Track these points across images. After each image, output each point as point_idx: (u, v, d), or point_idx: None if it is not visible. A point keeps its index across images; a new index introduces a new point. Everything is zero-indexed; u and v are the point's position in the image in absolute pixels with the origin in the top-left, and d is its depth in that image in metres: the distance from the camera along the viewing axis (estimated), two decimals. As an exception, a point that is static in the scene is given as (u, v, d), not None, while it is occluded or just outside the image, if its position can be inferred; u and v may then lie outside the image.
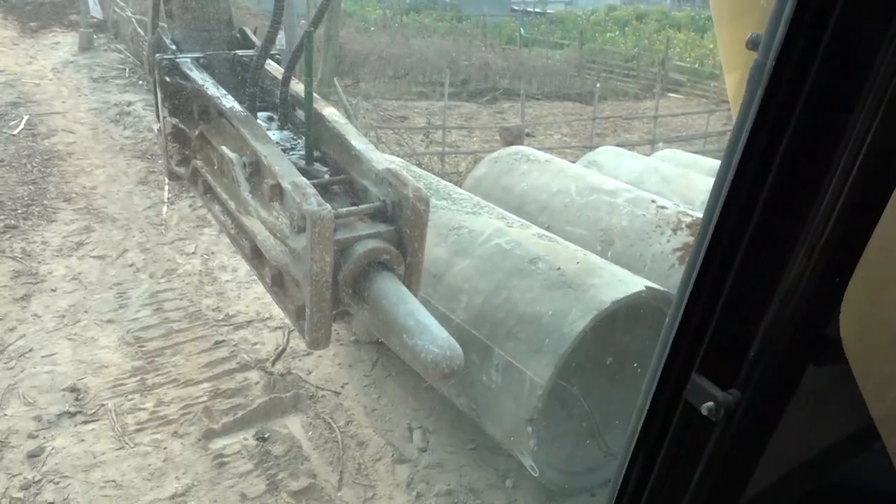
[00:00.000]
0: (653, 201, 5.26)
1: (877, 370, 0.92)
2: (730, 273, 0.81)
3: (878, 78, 0.68)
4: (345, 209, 2.67)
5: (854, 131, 0.73)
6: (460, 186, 6.16)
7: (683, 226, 4.92)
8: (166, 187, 8.62)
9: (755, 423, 0.89)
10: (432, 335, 2.38)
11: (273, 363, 5.56)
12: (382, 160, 2.86)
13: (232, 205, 3.16)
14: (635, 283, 3.96)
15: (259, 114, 3.30)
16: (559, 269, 4.09)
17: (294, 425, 4.89)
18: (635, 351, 4.26)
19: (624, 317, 4.13)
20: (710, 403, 0.83)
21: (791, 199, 0.78)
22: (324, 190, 2.74)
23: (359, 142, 2.94)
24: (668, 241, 4.87)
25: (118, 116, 11.39)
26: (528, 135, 13.13)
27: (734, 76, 0.97)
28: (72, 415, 4.81)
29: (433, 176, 6.16)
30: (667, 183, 6.29)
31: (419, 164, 10.20)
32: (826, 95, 0.71)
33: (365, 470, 4.55)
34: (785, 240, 0.79)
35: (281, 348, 5.73)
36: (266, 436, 4.73)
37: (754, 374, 0.85)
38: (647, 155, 8.51)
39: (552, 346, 3.71)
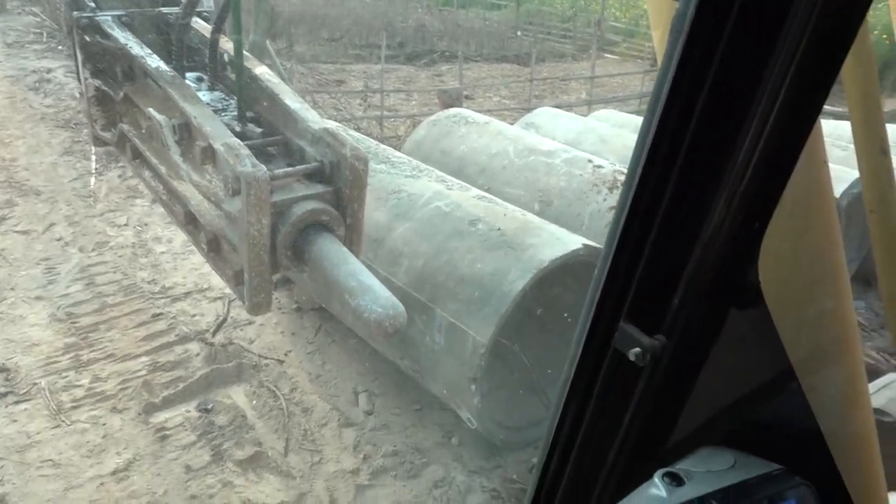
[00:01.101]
0: (589, 161, 5.34)
1: (793, 314, 0.97)
2: (654, 224, 0.83)
3: (795, 23, 0.70)
4: (281, 170, 2.61)
5: (771, 79, 0.75)
6: (399, 150, 6.11)
7: (619, 184, 5.02)
8: (93, 157, 8.25)
9: (681, 366, 0.93)
10: (375, 295, 2.38)
11: (213, 334, 5.47)
12: (318, 120, 2.80)
13: (163, 169, 3.06)
14: (573, 242, 4.03)
15: (188, 74, 3.18)
16: (499, 229, 4.12)
17: (237, 395, 4.84)
18: (574, 308, 4.36)
19: (562, 275, 4.21)
20: (637, 349, 0.86)
21: (711, 149, 0.80)
22: (258, 151, 2.68)
23: (293, 101, 2.87)
24: (605, 199, 4.96)
25: (37, 84, 10.79)
26: (466, 97, 13.07)
27: (659, 32, 0.99)
28: (2, 395, 4.63)
29: (372, 140, 6.08)
30: (603, 143, 6.38)
31: (357, 129, 10.04)
32: (745, 42, 0.73)
33: (311, 435, 4.55)
34: (705, 189, 0.81)
35: (221, 319, 5.64)
36: (209, 407, 4.67)
37: (679, 321, 0.88)
38: (585, 115, 8.60)
39: (493, 305, 3.76)
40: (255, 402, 4.79)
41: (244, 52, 2.91)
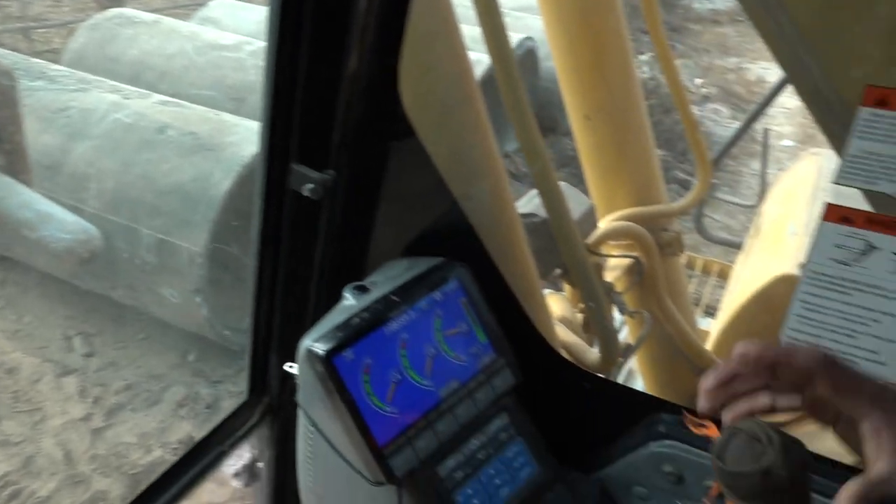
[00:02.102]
0: (275, 52, 5.22)
1: (439, 138, 1.13)
2: (299, 69, 0.91)
3: None
4: None
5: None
6: (59, 64, 5.34)
7: (309, 73, 5.02)
8: None
9: (357, 196, 1.05)
10: (59, 222, 2.20)
11: None
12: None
13: None
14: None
15: None
16: (192, 133, 3.92)
17: (-87, 381, 4.12)
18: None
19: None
20: (311, 185, 0.95)
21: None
22: None
23: None
24: (298, 90, 4.94)
25: None
26: (130, -2, 11.63)
27: None
28: None
29: (19, 55, 5.21)
30: (287, 34, 6.23)
31: (-1, 46, 8.46)
32: None
33: (25, 395, 4.09)
34: (339, 30, 0.90)
35: None
36: None
37: (343, 156, 0.99)
38: (265, 5, 8.25)
39: (202, 212, 3.64)
40: (-60, 379, 4.13)
41: None
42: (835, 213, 0.85)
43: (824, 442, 0.71)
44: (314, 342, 0.89)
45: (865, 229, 0.85)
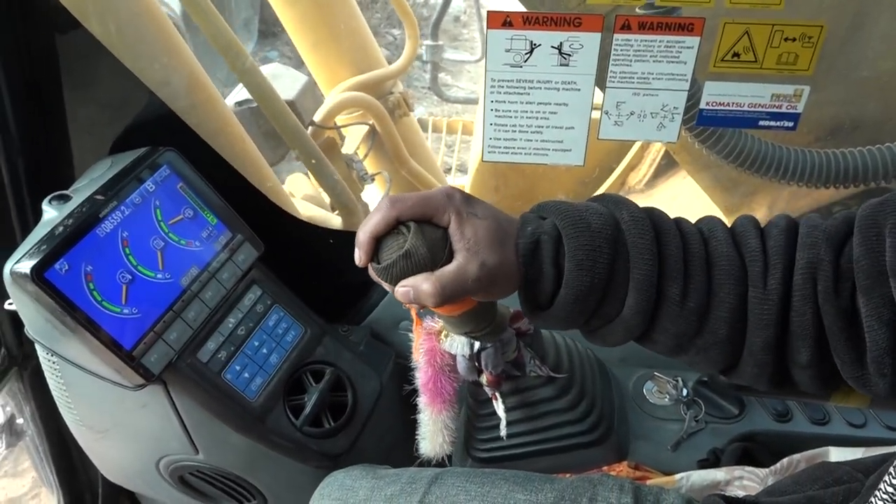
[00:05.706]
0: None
1: (100, 23, 1.03)
2: None
3: None
4: None
5: None
6: None
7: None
8: None
9: (32, 101, 0.94)
10: None
11: None
12: None
13: None
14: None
15: None
16: None
17: None
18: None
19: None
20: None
21: None
22: None
23: None
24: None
25: None
26: None
27: None
28: None
29: None
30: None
31: None
32: None
33: None
34: None
35: None
36: None
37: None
38: None
39: None
40: None
41: None
42: (496, 20, 0.93)
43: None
44: (16, 263, 0.81)
45: (525, 29, 0.94)
